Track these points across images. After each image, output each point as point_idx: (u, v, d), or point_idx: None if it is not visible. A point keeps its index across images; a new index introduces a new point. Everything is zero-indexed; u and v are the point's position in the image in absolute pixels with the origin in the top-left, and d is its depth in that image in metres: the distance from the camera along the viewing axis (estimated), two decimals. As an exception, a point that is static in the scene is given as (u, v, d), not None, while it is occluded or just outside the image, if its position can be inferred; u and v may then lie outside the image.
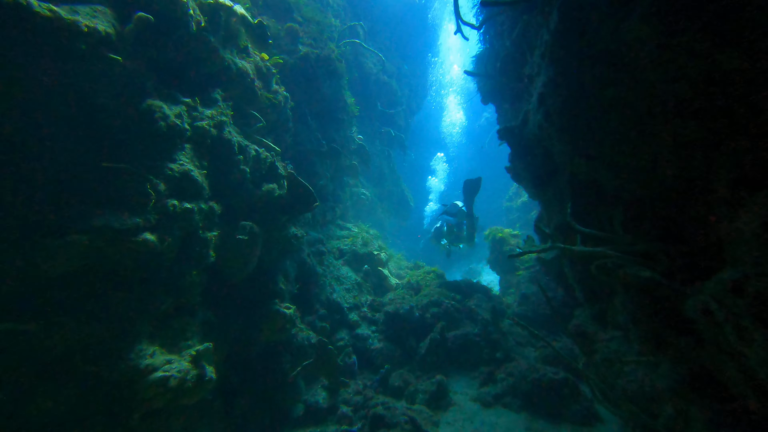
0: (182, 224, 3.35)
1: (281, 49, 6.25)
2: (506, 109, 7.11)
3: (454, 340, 5.84)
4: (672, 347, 2.76)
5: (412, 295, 6.86)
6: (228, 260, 4.06)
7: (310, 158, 6.95)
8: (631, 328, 3.33)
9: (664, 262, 3.07)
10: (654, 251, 3.20)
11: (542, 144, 4.46)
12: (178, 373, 2.93)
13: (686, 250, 3.01)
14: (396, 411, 4.43)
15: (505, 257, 8.80)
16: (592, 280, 4.12)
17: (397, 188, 12.18)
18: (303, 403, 4.67)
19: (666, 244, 3.15)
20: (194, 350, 3.21)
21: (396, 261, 8.87)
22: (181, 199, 3.38)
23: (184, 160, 3.46)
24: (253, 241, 4.22)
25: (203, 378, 3.16)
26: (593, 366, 3.72)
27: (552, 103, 3.70)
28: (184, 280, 3.37)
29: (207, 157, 3.83)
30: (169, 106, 3.40)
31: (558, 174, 4.55)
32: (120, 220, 2.90)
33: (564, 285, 5.22)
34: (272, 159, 4.69)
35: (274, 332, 4.40)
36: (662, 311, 2.85)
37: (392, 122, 11.35)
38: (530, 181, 4.99)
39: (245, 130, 4.71)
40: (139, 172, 3.07)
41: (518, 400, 4.60)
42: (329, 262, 6.63)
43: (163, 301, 3.15)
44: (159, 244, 3.09)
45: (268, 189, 4.50)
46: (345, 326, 5.96)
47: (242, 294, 4.41)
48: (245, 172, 4.24)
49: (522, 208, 13.32)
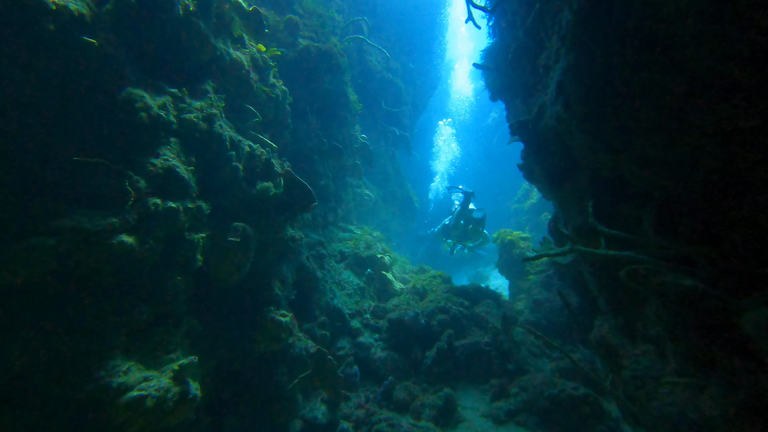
0: (165, 225, 3.05)
1: (280, 43, 5.97)
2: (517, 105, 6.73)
3: (463, 349, 5.46)
4: (723, 368, 2.38)
5: (418, 301, 6.51)
6: (218, 265, 3.74)
7: (311, 157, 6.65)
8: (667, 344, 2.94)
9: (707, 269, 2.69)
10: (693, 256, 2.82)
11: (560, 138, 4.10)
12: (156, 391, 2.61)
13: (734, 255, 2.63)
14: (401, 429, 4.08)
15: (514, 261, 8.40)
16: (619, 287, 3.74)
17: (402, 189, 11.84)
18: (300, 419, 4.33)
19: (708, 248, 2.78)
20: (177, 365, 2.89)
21: (401, 264, 8.52)
22: (165, 197, 3.08)
23: (169, 155, 3.16)
24: (245, 243, 3.90)
25: (186, 396, 2.84)
26: (621, 384, 3.34)
27: (573, 91, 3.34)
28: (168, 286, 3.06)
29: (195, 153, 3.53)
30: (152, 96, 3.11)
31: (577, 171, 4.18)
32: (93, 220, 2.60)
33: (580, 292, 4.84)
34: (268, 156, 4.38)
35: (269, 342, 4.08)
36: (709, 326, 2.47)
37: (397, 121, 11.03)
38: (545, 179, 4.62)
39: (239, 125, 4.41)
40: (116, 167, 2.77)
41: (534, 418, 4.21)
42: (330, 265, 6.31)
43: (143, 310, 2.84)
44: (138, 247, 2.79)
45: (262, 188, 4.19)
46: (346, 334, 5.62)
47: (234, 301, 4.10)
48: (238, 169, 3.94)
49: (531, 210, 12.90)
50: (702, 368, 2.60)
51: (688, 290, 2.50)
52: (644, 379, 3.14)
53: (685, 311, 2.54)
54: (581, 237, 4.01)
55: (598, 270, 3.95)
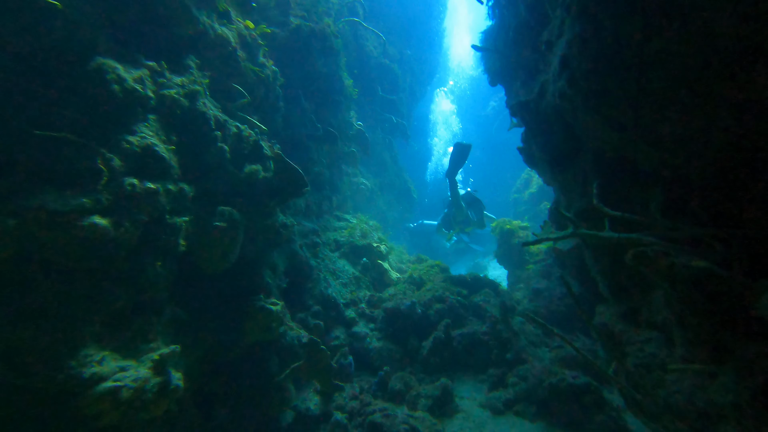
0: (144, 207, 2.85)
1: (270, 21, 5.70)
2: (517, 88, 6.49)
3: (460, 339, 5.34)
4: (737, 354, 2.24)
5: (414, 290, 6.37)
6: (204, 250, 3.56)
7: (304, 143, 6.43)
8: (675, 330, 2.80)
9: (720, 251, 2.53)
10: (705, 237, 2.66)
11: (562, 118, 3.90)
12: (134, 382, 2.45)
13: (748, 236, 2.48)
14: (396, 419, 3.95)
15: (513, 250, 8.26)
16: (622, 272, 3.59)
17: (399, 179, 11.63)
18: (293, 410, 4.21)
19: (721, 228, 2.61)
20: (157, 354, 2.73)
21: (397, 254, 8.37)
22: (143, 178, 2.88)
23: (147, 133, 2.95)
24: (233, 228, 3.72)
25: (168, 387, 2.69)
26: (624, 372, 3.21)
27: (578, 64, 3.14)
28: (147, 272, 2.88)
29: (177, 132, 3.32)
30: (127, 68, 2.89)
31: (580, 153, 4.00)
32: (61, 200, 2.41)
33: (581, 280, 4.69)
34: (256, 138, 4.17)
35: (259, 331, 3.92)
36: (722, 310, 2.32)
37: (394, 109, 10.77)
38: (547, 163, 4.43)
39: (226, 106, 4.19)
40: (86, 143, 2.57)
41: (533, 408, 4.10)
42: (324, 254, 6.14)
43: (119, 297, 2.66)
44: (113, 229, 2.60)
45: (251, 170, 3.99)
46: (341, 324, 5.48)
47: (222, 289, 3.93)
48: (224, 150, 3.73)
49: (531, 199, 12.74)
50: (713, 354, 2.46)
51: (700, 272, 2.33)
52: (649, 366, 3.00)
53: (696, 294, 2.38)
54: (584, 221, 3.85)
55: (601, 255, 3.79)
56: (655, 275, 2.63)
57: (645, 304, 3.35)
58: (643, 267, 2.68)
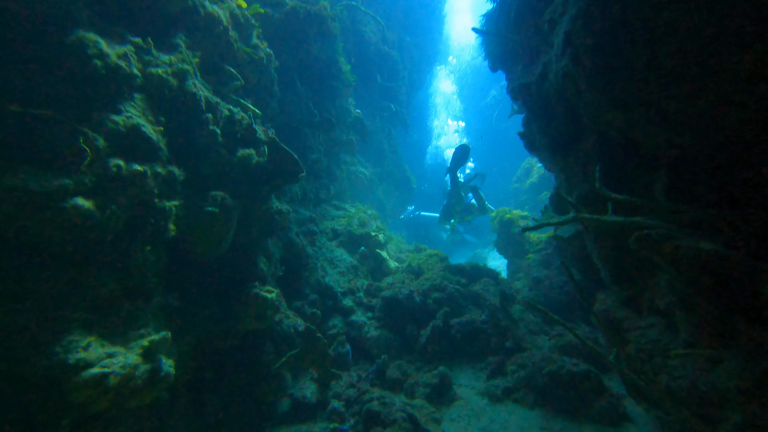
0: (131, 190, 2.75)
1: (264, 2, 5.52)
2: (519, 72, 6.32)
3: (459, 327, 5.28)
4: (743, 339, 2.17)
5: (413, 280, 6.30)
6: (196, 236, 3.47)
7: (301, 129, 6.29)
8: (678, 315, 2.73)
9: (727, 234, 2.44)
10: (711, 220, 2.56)
11: (565, 99, 3.77)
12: (122, 368, 2.38)
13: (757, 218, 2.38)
14: (393, 407, 3.91)
15: (513, 239, 8.19)
16: (624, 257, 3.50)
17: (399, 169, 11.48)
18: (289, 398, 4.17)
19: (729, 210, 2.52)
20: (147, 341, 2.66)
21: (396, 243, 8.29)
22: (129, 159, 2.77)
23: (133, 113, 2.84)
24: (225, 214, 3.62)
25: (158, 374, 2.62)
26: (625, 358, 3.15)
27: (583, 41, 3.01)
28: (136, 257, 2.79)
29: (165, 113, 3.20)
30: (110, 43, 2.75)
31: (583, 136, 3.88)
32: (42, 180, 2.31)
33: (582, 268, 4.61)
34: (250, 121, 4.05)
35: (254, 319, 3.86)
36: (728, 293, 2.24)
37: (393, 97, 10.57)
38: (548, 148, 4.32)
39: (218, 88, 4.06)
40: (67, 122, 2.46)
41: (532, 395, 4.05)
42: (321, 242, 6.06)
43: (106, 282, 2.58)
44: (98, 212, 2.50)
45: (244, 155, 3.88)
46: (338, 313, 5.42)
47: (216, 276, 3.85)
48: (215, 133, 3.62)
49: (531, 189, 12.62)
50: (718, 339, 2.39)
51: (707, 254, 2.24)
52: (651, 352, 2.94)
53: (702, 278, 2.30)
54: (586, 206, 3.75)
55: (603, 241, 3.70)
56: (660, 259, 2.54)
57: (647, 289, 3.27)
58: (647, 251, 2.59)
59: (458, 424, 3.88)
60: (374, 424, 3.77)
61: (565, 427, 3.57)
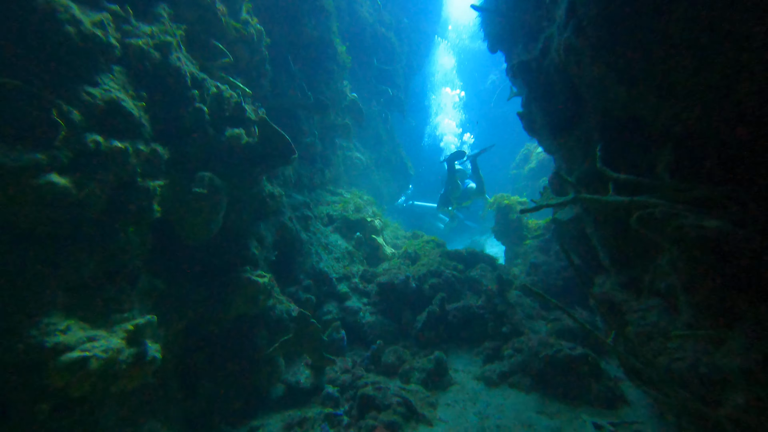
0: (112, 168, 2.62)
1: (253, -24, 5.26)
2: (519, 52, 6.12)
3: (456, 313, 5.23)
4: (747, 318, 2.09)
5: (409, 265, 6.23)
6: (183, 218, 3.35)
7: (294, 112, 6.11)
8: (681, 295, 2.65)
9: (734, 211, 2.34)
10: (717, 197, 2.46)
11: (567, 75, 3.63)
12: (104, 352, 2.29)
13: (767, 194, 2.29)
14: (388, 391, 3.87)
15: (511, 225, 8.11)
16: (625, 239, 3.42)
17: (396, 155, 11.30)
18: (283, 383, 4.12)
19: (736, 188, 2.42)
20: (132, 324, 2.57)
21: (393, 230, 8.20)
22: (109, 135, 2.63)
23: (112, 86, 2.68)
24: (214, 196, 3.49)
25: (143, 358, 2.54)
26: (624, 341, 3.09)
27: (587, 10, 2.85)
28: (118, 238, 2.67)
29: (147, 88, 3.04)
30: (83, 10, 2.58)
31: (584, 114, 3.75)
32: (12, 155, 2.17)
33: (581, 252, 4.54)
34: (238, 99, 3.88)
35: (245, 304, 3.77)
36: (733, 272, 2.16)
37: (390, 81, 10.32)
38: (548, 128, 4.18)
39: (205, 65, 3.88)
40: (38, 93, 2.30)
41: (528, 379, 4.02)
42: (316, 228, 5.95)
43: (86, 263, 2.47)
44: (75, 190, 2.38)
45: (232, 135, 3.73)
46: (333, 298, 5.35)
47: (206, 260, 3.75)
48: (202, 111, 3.46)
49: (530, 175, 12.50)
50: (721, 320, 2.32)
51: (712, 232, 2.15)
52: (651, 334, 2.87)
53: (706, 256, 2.20)
54: (586, 187, 3.64)
55: (603, 222, 3.61)
56: (662, 238, 2.45)
57: (647, 271, 3.20)
58: (650, 230, 2.50)
59: (454, 409, 3.85)
60: (369, 408, 3.73)
61: (561, 411, 3.54)
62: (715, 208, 2.40)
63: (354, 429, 3.50)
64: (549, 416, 3.49)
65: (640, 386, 2.92)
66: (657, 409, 3.14)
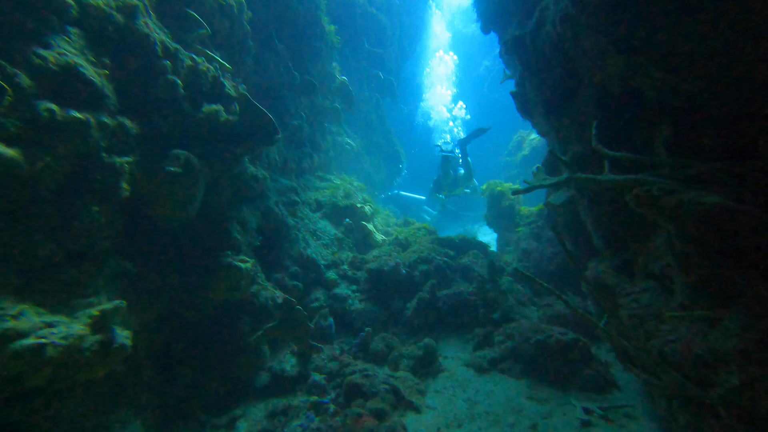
0: (71, 141, 2.40)
1: (233, -56, 4.94)
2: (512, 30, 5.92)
3: (446, 299, 5.14)
4: (747, 297, 2.00)
5: (400, 252, 6.10)
6: (157, 198, 3.15)
7: (280, 92, 5.85)
8: (676, 276, 2.55)
9: (733, 187, 2.23)
10: (716, 173, 2.35)
11: (563, 49, 3.46)
12: (63, 339, 2.11)
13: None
14: (376, 379, 3.77)
15: (503, 212, 8.01)
16: (619, 221, 3.32)
17: (387, 141, 11.07)
18: (267, 371, 3.99)
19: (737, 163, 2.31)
20: (97, 310, 2.39)
21: (384, 217, 8.05)
22: (67, 105, 2.41)
23: (67, 49, 2.44)
24: (190, 175, 3.29)
25: (110, 345, 2.37)
26: (617, 325, 3.01)
27: (585, -25, 2.68)
28: (81, 218, 2.47)
29: (111, 55, 2.80)
30: (33, -36, 2.32)
31: (579, 92, 3.60)
32: (-49, 122, 1.94)
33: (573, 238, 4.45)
34: (216, 73, 3.65)
35: (226, 289, 3.61)
36: (733, 250, 2.05)
37: (381, 64, 10.03)
38: (542, 107, 4.03)
39: (180, 35, 3.62)
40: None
41: (519, 365, 3.96)
42: (304, 213, 5.77)
43: (43, 244, 2.27)
44: (26, 163, 2.16)
45: (210, 111, 3.51)
46: (321, 285, 5.21)
47: (184, 244, 3.56)
48: (175, 84, 3.22)
49: (523, 162, 12.38)
50: (717, 300, 2.23)
51: (712, 208, 2.03)
52: (643, 317, 2.78)
53: (705, 233, 2.09)
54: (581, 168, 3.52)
55: (597, 204, 3.50)
56: (660, 216, 2.33)
57: (641, 254, 3.11)
58: (646, 207, 2.38)
59: (443, 396, 3.77)
60: (356, 396, 3.63)
61: (552, 396, 3.48)
62: (714, 184, 2.29)
63: (340, 417, 3.39)
64: (539, 402, 3.42)
65: (632, 370, 2.85)
66: (647, 393, 3.08)
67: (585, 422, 3.04)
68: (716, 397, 2.13)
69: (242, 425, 3.34)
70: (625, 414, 3.08)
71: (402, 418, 3.37)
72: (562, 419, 3.15)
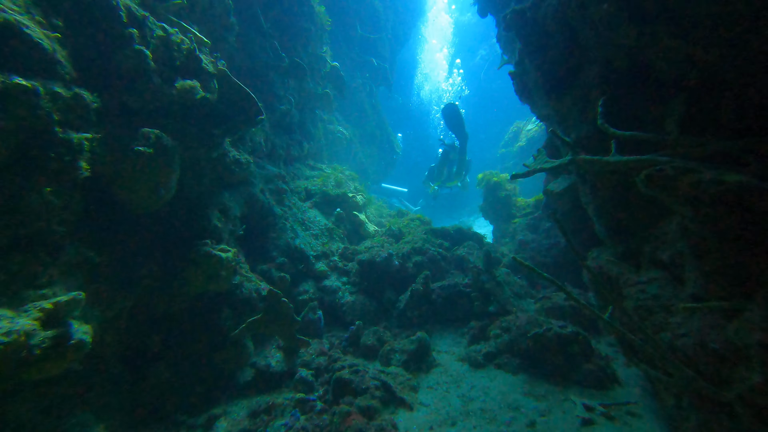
0: (15, 112, 2.12)
1: None
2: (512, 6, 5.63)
3: (440, 291, 4.94)
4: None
5: (393, 243, 5.88)
6: (124, 181, 2.87)
7: (267, 75, 5.54)
8: (689, 263, 2.36)
9: (755, 166, 2.02)
10: (735, 151, 2.14)
11: (566, 22, 3.21)
12: (5, 335, 1.86)
13: (795, 145, 1.97)
14: (366, 374, 3.56)
15: (500, 203, 7.81)
16: (625, 206, 3.11)
17: (382, 131, 10.77)
18: (252, 367, 3.77)
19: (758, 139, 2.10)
20: (50, 303, 2.13)
21: (377, 208, 7.81)
22: (9, 71, 2.12)
23: (6, 5, 2.15)
24: (163, 157, 3.01)
25: (66, 341, 2.12)
26: (621, 316, 2.82)
27: (595, -67, 2.43)
28: (29, 199, 2.20)
29: (64, 17, 2.50)
30: None
31: (583, 69, 3.36)
32: None
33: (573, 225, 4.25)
34: (192, 46, 3.35)
35: (205, 281, 3.36)
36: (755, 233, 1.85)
37: (375, 51, 9.69)
38: (543, 87, 3.79)
39: (150, 3, 3.31)
40: None
41: (516, 360, 3.77)
42: (292, 202, 5.51)
43: (-16, 227, 2.01)
44: (-39, 135, 1.88)
45: (184, 87, 3.22)
46: (310, 277, 4.98)
47: (157, 231, 3.29)
48: (143, 55, 2.93)
49: (519, 153, 12.18)
50: (737, 288, 2.03)
51: (734, 187, 1.82)
52: (651, 309, 2.59)
53: (725, 216, 1.88)
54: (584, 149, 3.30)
55: (600, 190, 3.28)
56: (674, 198, 2.11)
57: (648, 241, 2.91)
58: (659, 190, 2.16)
59: (436, 392, 3.58)
60: (345, 393, 3.42)
61: (550, 392, 3.30)
62: (734, 164, 2.08)
63: (327, 415, 3.18)
64: (537, 398, 3.25)
65: (638, 364, 2.66)
66: (653, 389, 2.91)
67: (586, 420, 2.87)
68: (735, 397, 1.94)
69: (222, 425, 3.12)
70: (628, 411, 2.91)
71: (393, 416, 3.17)
72: (561, 416, 2.97)
